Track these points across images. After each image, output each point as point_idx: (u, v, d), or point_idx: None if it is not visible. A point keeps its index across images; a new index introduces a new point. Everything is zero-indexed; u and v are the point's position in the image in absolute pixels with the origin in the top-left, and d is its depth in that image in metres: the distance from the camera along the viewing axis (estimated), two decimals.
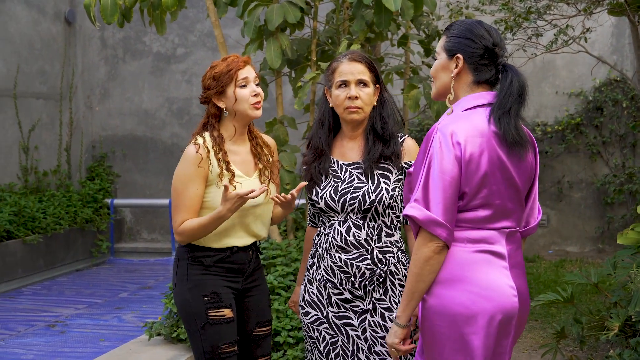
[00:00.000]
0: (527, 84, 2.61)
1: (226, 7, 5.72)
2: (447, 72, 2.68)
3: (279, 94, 6.01)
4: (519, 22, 4.80)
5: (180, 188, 3.31)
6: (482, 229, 2.58)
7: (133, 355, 5.23)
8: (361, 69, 3.27)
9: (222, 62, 3.40)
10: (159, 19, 5.98)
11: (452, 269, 2.56)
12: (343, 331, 3.23)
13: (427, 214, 2.51)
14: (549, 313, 6.42)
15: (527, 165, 2.66)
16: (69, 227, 9.27)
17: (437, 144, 2.53)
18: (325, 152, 3.34)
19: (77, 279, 8.93)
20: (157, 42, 10.41)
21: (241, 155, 3.46)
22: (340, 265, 3.18)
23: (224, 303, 3.37)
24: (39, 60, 9.62)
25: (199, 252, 3.37)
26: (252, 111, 3.38)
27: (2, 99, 8.98)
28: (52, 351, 5.96)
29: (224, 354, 3.35)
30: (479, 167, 2.53)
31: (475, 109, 2.60)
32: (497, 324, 2.54)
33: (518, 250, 2.70)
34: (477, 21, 2.67)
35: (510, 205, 2.63)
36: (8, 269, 8.24)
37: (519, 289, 2.61)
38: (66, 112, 10.12)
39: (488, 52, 2.62)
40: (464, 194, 2.55)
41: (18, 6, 9.24)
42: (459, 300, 2.54)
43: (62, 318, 6.99)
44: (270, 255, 5.47)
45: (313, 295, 3.29)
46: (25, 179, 9.30)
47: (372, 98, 3.30)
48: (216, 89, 3.38)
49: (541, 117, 9.28)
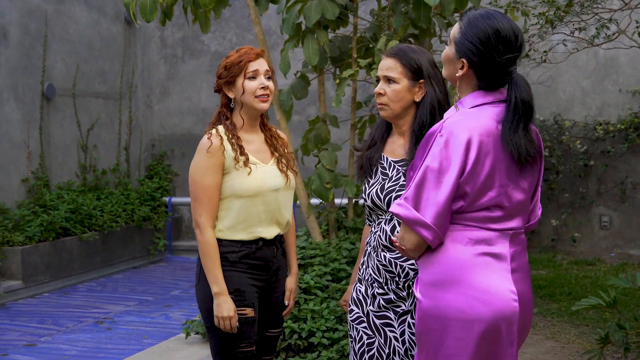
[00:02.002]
0: (531, 95, 2.47)
1: (267, 4, 5.68)
2: (453, 65, 2.57)
3: (321, 91, 5.93)
4: (559, 15, 4.61)
5: (197, 179, 3.30)
6: (486, 230, 2.47)
7: (169, 354, 5.24)
8: (390, 65, 3.15)
9: (236, 53, 3.39)
10: (203, 17, 5.97)
11: (449, 270, 2.45)
12: (382, 332, 3.14)
13: (414, 214, 2.41)
14: (602, 318, 6.20)
15: (535, 164, 2.56)
16: (126, 224, 9.38)
17: (442, 142, 2.42)
18: (377, 143, 3.28)
19: (132, 276, 9.03)
20: (215, 42, 10.46)
21: (255, 144, 3.43)
22: (385, 264, 3.10)
23: (247, 302, 3.32)
24: (99, 60, 9.76)
25: (224, 247, 3.32)
26: (258, 104, 3.34)
27: (62, 99, 9.13)
28: (95, 347, 6.02)
29: (241, 354, 3.30)
30: (484, 167, 2.42)
31: (482, 107, 2.49)
32: (495, 331, 2.41)
33: (522, 253, 2.57)
34: (495, 29, 2.45)
35: (518, 207, 2.52)
36: (64, 266, 8.39)
37: (520, 293, 2.48)
38: (125, 111, 10.25)
39: (495, 64, 2.48)
40: (466, 194, 2.43)
41: (77, 7, 9.40)
42: (455, 304, 2.42)
43: (111, 315, 7.07)
44: (308, 254, 5.41)
45: (359, 293, 3.21)
46: (83, 177, 9.45)
47: (404, 94, 3.12)
48: (226, 78, 3.37)
49: (604, 116, 8.99)
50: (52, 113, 8.99)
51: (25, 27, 8.57)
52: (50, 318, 6.98)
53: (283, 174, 3.43)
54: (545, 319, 6.28)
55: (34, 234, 8.00)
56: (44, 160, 8.79)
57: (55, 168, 9.04)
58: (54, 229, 8.26)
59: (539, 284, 7.45)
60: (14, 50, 8.41)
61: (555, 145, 8.97)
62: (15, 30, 8.43)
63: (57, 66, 9.05)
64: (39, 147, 8.74)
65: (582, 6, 4.57)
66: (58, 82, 9.05)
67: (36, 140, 8.71)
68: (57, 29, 9.07)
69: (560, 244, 9.21)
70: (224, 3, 5.93)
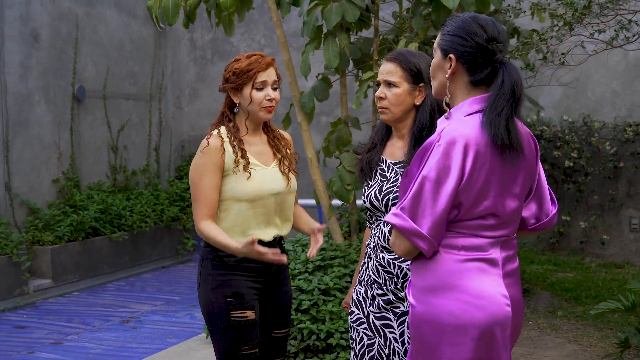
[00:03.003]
0: (521, 82, 2.44)
1: (289, 6, 5.71)
2: (443, 72, 2.55)
3: (343, 93, 5.95)
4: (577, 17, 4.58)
5: (196, 179, 3.33)
6: (479, 237, 2.46)
7: (189, 353, 5.29)
8: (390, 69, 3.18)
9: (246, 59, 3.38)
10: (226, 20, 6.03)
11: (443, 276, 2.45)
12: (381, 332, 3.16)
13: (410, 224, 2.41)
14: (626, 321, 6.14)
15: (525, 168, 2.52)
16: (155, 225, 9.49)
17: (440, 152, 2.39)
18: (377, 146, 3.30)
19: (161, 275, 9.12)
20: (244, 43, 10.52)
21: (258, 146, 3.45)
22: (384, 265, 3.12)
23: (247, 304, 3.35)
24: (129, 62, 9.88)
25: (222, 252, 3.34)
26: (263, 114, 3.38)
27: (92, 100, 9.26)
28: (120, 346, 6.10)
29: (244, 356, 3.33)
30: (480, 177, 2.40)
31: (476, 115, 2.47)
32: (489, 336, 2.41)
33: (513, 257, 2.56)
34: (472, 16, 2.51)
35: (511, 214, 2.50)
36: (94, 265, 8.50)
37: (512, 297, 2.47)
38: (156, 113, 10.36)
39: (482, 49, 2.47)
40: (460, 205, 2.42)
41: (108, 10, 9.52)
42: (449, 309, 2.42)
43: (137, 314, 7.15)
44: (329, 256, 5.43)
45: (359, 294, 3.24)
46: (114, 177, 9.56)
47: (404, 98, 3.16)
48: (233, 84, 3.39)
49: (634, 117, 8.89)
50: (83, 114, 9.12)
51: (56, 30, 8.70)
52: (78, 317, 7.08)
53: (284, 176, 3.45)
54: (569, 322, 6.25)
55: (64, 234, 8.12)
56: (74, 161, 8.92)
57: (86, 169, 9.17)
58: (84, 229, 8.38)
59: (565, 287, 7.40)
60: (45, 53, 8.54)
61: (584, 147, 8.89)
62: (47, 33, 8.57)
63: (87, 68, 9.18)
64: (69, 148, 8.87)
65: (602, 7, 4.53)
66: (89, 84, 9.17)
67: (67, 141, 8.84)
68: (88, 32, 9.20)
69: (589, 246, 9.13)
70: (247, 6, 5.98)
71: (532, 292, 7.11)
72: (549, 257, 8.90)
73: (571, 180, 9.05)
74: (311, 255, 3.30)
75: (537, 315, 6.45)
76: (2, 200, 7.99)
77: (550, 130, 9.06)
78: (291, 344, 5.06)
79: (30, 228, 8.14)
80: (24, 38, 8.27)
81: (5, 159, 8.03)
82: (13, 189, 8.12)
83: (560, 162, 9.11)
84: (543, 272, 8.10)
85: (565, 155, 9.03)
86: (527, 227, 2.66)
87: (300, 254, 5.49)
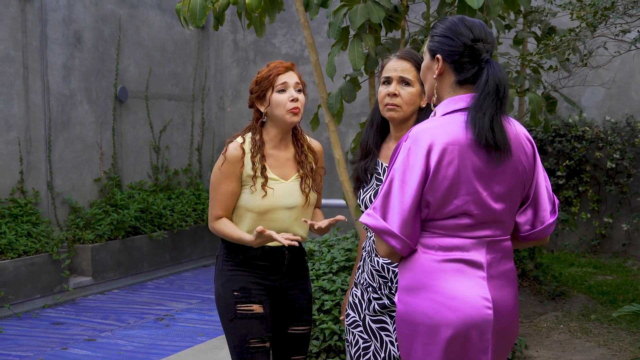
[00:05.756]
0: (506, 81, 2.43)
1: (317, 8, 5.73)
2: (431, 74, 2.56)
3: (372, 94, 5.95)
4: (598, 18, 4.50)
5: (215, 184, 3.42)
6: (457, 237, 2.44)
7: (214, 352, 5.35)
8: (406, 67, 3.13)
9: (266, 68, 3.45)
10: (257, 21, 6.07)
11: (418, 276, 2.45)
12: (377, 336, 3.15)
13: (382, 223, 2.42)
14: None
15: (513, 168, 2.49)
16: (195, 224, 9.60)
17: (405, 151, 2.43)
18: (372, 151, 3.26)
19: (200, 274, 9.22)
20: (285, 44, 10.58)
21: (281, 158, 3.48)
22: (378, 270, 3.11)
23: (254, 299, 3.40)
24: (172, 63, 10.01)
25: (231, 250, 3.44)
26: (289, 117, 3.38)
27: (134, 101, 9.41)
28: (151, 344, 6.19)
29: (252, 349, 3.37)
30: (445, 176, 2.39)
31: (453, 114, 2.47)
32: (463, 338, 2.40)
33: (503, 260, 2.53)
34: (460, 17, 2.52)
35: (493, 214, 2.47)
36: (134, 263, 8.65)
37: (496, 300, 2.45)
38: (198, 113, 10.48)
39: (468, 49, 2.47)
40: (428, 203, 2.42)
41: (151, 11, 9.66)
42: (422, 309, 2.42)
43: (172, 312, 7.25)
44: (353, 257, 5.44)
45: (355, 297, 3.24)
46: (155, 177, 9.70)
47: (416, 99, 3.14)
48: (257, 93, 3.43)
49: None
50: (125, 115, 9.28)
51: (99, 31, 8.87)
52: (114, 314, 7.21)
53: (304, 194, 3.46)
54: (602, 326, 6.15)
55: (104, 232, 8.27)
56: (116, 161, 9.08)
57: (128, 168, 9.33)
58: (124, 228, 8.52)
59: (602, 290, 7.28)
60: (87, 54, 8.71)
61: (627, 148, 8.73)
62: (90, 35, 8.74)
63: (129, 69, 9.33)
64: (111, 147, 9.03)
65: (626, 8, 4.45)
66: (131, 85, 9.33)
67: (109, 141, 9.00)
68: (130, 33, 9.35)
69: (631, 248, 8.97)
70: (278, 7, 6.02)
71: (568, 295, 7.01)
72: (590, 260, 8.77)
73: (614, 181, 8.90)
74: (317, 226, 3.30)
75: (569, 318, 6.36)
76: (44, 198, 8.17)
77: (592, 131, 8.92)
78: (313, 344, 5.08)
79: (72, 226, 8.31)
80: (67, 40, 8.45)
81: (48, 159, 8.21)
82: (55, 188, 8.30)
83: (602, 164, 8.97)
84: (582, 275, 7.99)
85: (607, 156, 8.89)
86: (520, 234, 2.62)
87: (326, 254, 5.51)
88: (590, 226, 9.20)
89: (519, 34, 6.44)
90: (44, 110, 8.16)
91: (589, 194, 9.06)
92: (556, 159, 9.11)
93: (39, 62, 8.11)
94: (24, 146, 7.95)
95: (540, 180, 2.61)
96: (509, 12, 6.04)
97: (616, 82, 8.64)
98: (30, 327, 6.75)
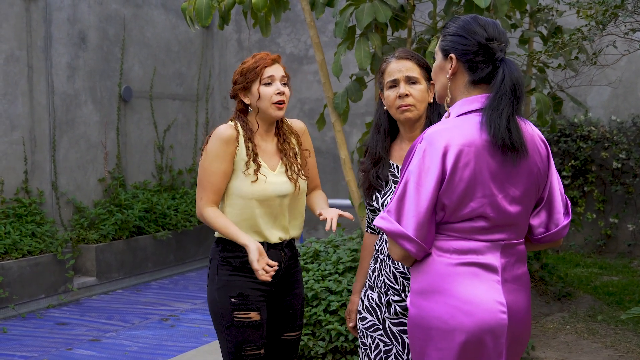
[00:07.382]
0: (522, 80, 2.40)
1: (323, 7, 5.70)
2: (444, 74, 2.52)
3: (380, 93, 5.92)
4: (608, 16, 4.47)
5: (206, 164, 3.31)
6: (472, 240, 2.41)
7: (219, 353, 5.32)
8: (409, 66, 3.12)
9: (252, 59, 3.40)
10: (263, 21, 6.05)
11: (433, 279, 2.41)
12: (399, 338, 3.11)
13: (397, 227, 2.39)
14: None
15: (528, 170, 2.45)
16: (199, 224, 9.58)
17: (420, 153, 2.39)
18: (383, 157, 3.21)
19: (205, 274, 9.18)
20: (290, 44, 10.56)
21: (267, 149, 3.43)
22: (402, 272, 3.06)
23: (251, 306, 3.34)
24: (176, 62, 10.00)
25: (229, 252, 3.36)
26: (274, 111, 3.35)
27: (138, 101, 9.39)
28: (156, 344, 6.17)
29: (247, 357, 3.32)
30: (462, 179, 2.36)
31: (467, 115, 2.43)
32: (478, 343, 2.36)
33: (517, 264, 2.49)
34: (473, 17, 2.48)
35: (509, 217, 2.44)
36: (138, 263, 8.63)
37: (511, 304, 2.41)
38: (202, 113, 10.46)
39: (482, 48, 2.43)
40: (444, 206, 2.39)
41: (155, 11, 9.65)
42: (437, 314, 2.38)
43: (177, 312, 7.23)
44: (359, 257, 5.41)
45: (372, 300, 3.17)
46: (159, 177, 9.69)
47: (425, 95, 3.13)
48: (242, 84, 3.38)
49: None
50: (129, 114, 9.26)
51: (103, 31, 8.85)
52: (119, 314, 7.19)
53: (292, 181, 3.42)
54: (609, 327, 6.12)
55: (108, 232, 8.25)
56: (120, 161, 9.06)
57: (132, 168, 9.31)
58: (128, 228, 8.50)
59: (609, 291, 7.25)
60: (92, 54, 8.69)
61: (633, 148, 8.70)
62: (94, 34, 8.72)
63: (134, 69, 9.32)
64: (115, 147, 9.01)
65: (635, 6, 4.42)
66: (135, 85, 9.31)
67: (113, 141, 8.98)
68: (135, 33, 9.33)
69: (637, 249, 8.94)
70: (284, 6, 5.99)
71: (574, 296, 6.99)
72: (595, 260, 8.74)
73: (619, 181, 8.87)
74: (330, 228, 3.20)
75: (575, 319, 6.33)
76: (48, 198, 8.15)
77: (598, 131, 8.89)
78: (319, 345, 5.06)
79: (76, 226, 8.30)
80: (72, 40, 8.43)
81: (52, 159, 8.19)
82: (59, 188, 8.28)
83: (608, 164, 8.94)
84: (587, 276, 7.96)
85: (613, 156, 8.86)
86: (534, 237, 2.59)
87: (332, 255, 5.49)
88: (595, 226, 9.17)
89: (525, 34, 6.43)
90: (48, 110, 8.14)
91: (594, 194, 9.03)
92: (562, 158, 9.08)
93: (44, 62, 8.10)
94: (29, 146, 7.94)
95: (554, 182, 2.57)
96: (515, 11, 6.01)
97: (622, 81, 8.61)
98: (34, 327, 6.73)
